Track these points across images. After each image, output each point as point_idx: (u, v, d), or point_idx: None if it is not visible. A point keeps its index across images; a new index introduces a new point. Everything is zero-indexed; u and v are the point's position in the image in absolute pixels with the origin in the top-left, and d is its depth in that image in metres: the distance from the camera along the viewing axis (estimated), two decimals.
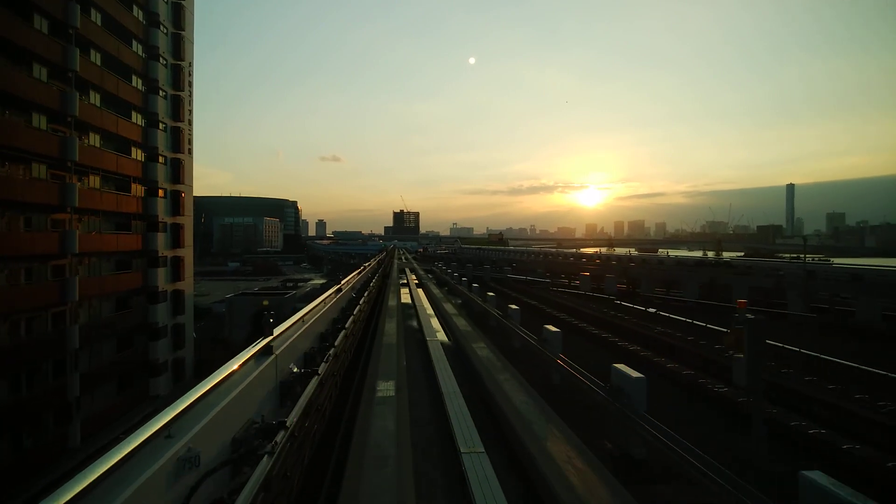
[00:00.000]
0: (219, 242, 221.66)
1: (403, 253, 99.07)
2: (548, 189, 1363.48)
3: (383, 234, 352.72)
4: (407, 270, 39.96)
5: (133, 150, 31.42)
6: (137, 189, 31.72)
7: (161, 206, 33.25)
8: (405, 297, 23.35)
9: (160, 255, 32.97)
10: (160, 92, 33.44)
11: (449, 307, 19.50)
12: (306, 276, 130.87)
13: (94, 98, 27.76)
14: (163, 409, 3.65)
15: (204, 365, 37.21)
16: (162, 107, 33.64)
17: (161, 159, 33.50)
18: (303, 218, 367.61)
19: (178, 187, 35.29)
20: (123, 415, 29.44)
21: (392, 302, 19.83)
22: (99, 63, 27.94)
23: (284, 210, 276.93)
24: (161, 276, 32.97)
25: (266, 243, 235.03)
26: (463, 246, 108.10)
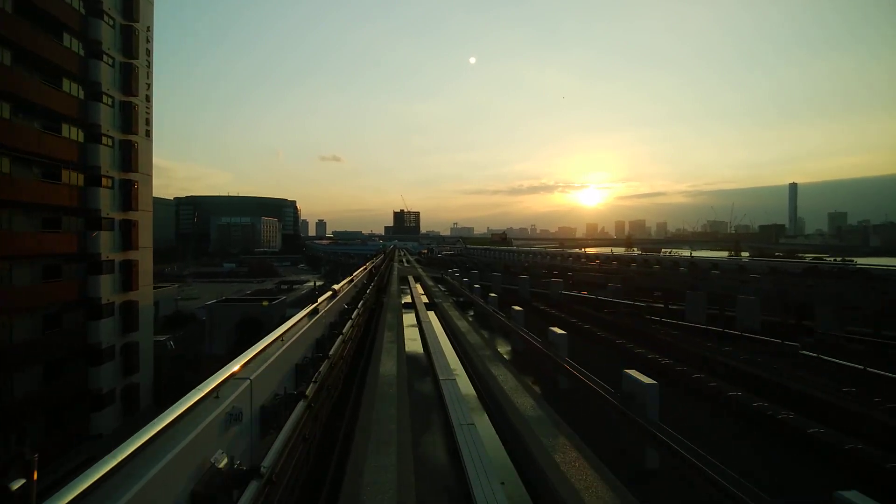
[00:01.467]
0: (216, 242, 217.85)
1: (405, 254, 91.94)
2: (548, 189, 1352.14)
3: (384, 233, 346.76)
4: (410, 280, 32.44)
5: (65, 127, 25.02)
6: (72, 177, 25.32)
7: (106, 199, 26.82)
8: (412, 341, 14.12)
9: (104, 258, 26.57)
10: (104, 57, 27.01)
11: (501, 375, 9.75)
12: (303, 277, 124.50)
13: (2, 55, 21.36)
14: (103, 454, 2.58)
15: (171, 389, 30.92)
16: (106, 76, 27.19)
17: (106, 141, 27.09)
18: (303, 218, 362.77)
19: (131, 176, 28.83)
20: (50, 462, 23.11)
21: (388, 365, 10.33)
22: (9, 10, 21.55)
23: (283, 210, 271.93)
24: (105, 285, 26.55)
25: (264, 243, 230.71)
26: (468, 246, 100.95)
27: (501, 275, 29.04)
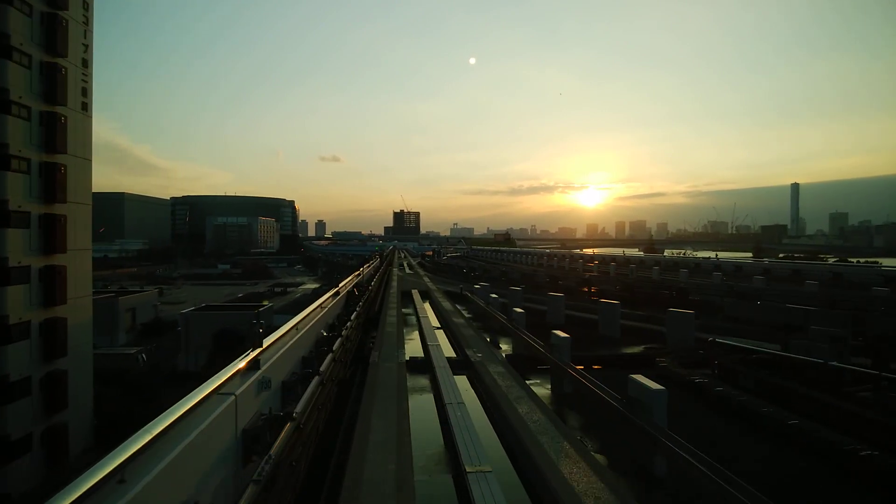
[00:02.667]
0: (211, 243, 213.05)
1: (405, 257, 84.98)
2: (548, 189, 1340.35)
3: (383, 234, 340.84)
4: (416, 298, 24.95)
5: None
6: None
7: (17, 186, 20.51)
8: None
9: (13, 264, 20.25)
10: (14, 1, 20.71)
11: None
12: (299, 279, 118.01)
13: None
14: None
15: (119, 423, 24.65)
16: (18, 26, 20.88)
17: (18, 110, 20.78)
18: (302, 218, 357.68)
19: (57, 158, 22.53)
20: None
21: None
22: None
23: (281, 210, 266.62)
24: (15, 299, 20.24)
25: (262, 244, 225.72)
26: (474, 247, 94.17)
27: (563, 296, 21.86)
